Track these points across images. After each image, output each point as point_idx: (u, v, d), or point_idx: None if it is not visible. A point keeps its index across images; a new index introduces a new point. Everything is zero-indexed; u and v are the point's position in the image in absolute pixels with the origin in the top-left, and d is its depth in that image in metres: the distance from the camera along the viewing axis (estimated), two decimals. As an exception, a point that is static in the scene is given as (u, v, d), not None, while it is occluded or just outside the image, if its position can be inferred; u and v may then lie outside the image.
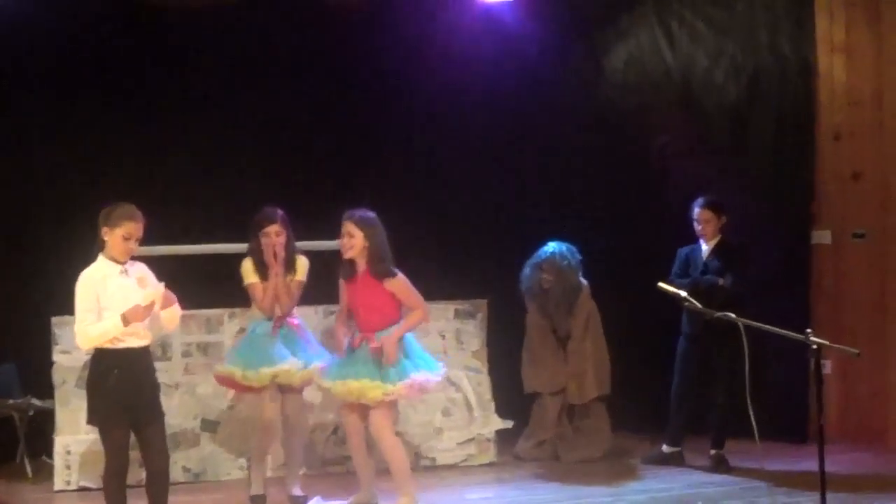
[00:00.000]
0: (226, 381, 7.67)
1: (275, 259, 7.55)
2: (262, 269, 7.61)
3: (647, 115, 9.97)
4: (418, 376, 7.16)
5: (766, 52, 9.60)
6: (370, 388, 7.10)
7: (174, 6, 9.17)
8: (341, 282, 7.42)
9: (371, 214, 7.31)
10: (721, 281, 8.37)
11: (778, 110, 9.54)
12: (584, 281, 8.94)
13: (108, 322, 6.30)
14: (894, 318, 9.24)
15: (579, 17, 9.85)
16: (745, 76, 9.66)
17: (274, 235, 7.59)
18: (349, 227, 7.24)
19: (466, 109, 9.73)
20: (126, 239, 6.40)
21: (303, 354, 7.57)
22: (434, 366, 7.35)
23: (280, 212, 7.67)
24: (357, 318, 7.33)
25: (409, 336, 7.33)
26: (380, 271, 7.22)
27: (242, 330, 8.09)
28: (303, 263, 7.71)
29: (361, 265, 7.27)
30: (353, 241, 7.23)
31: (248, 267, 7.66)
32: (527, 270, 8.92)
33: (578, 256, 8.89)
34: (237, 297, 7.90)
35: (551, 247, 8.87)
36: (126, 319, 6.29)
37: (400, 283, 7.25)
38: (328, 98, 9.63)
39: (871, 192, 9.30)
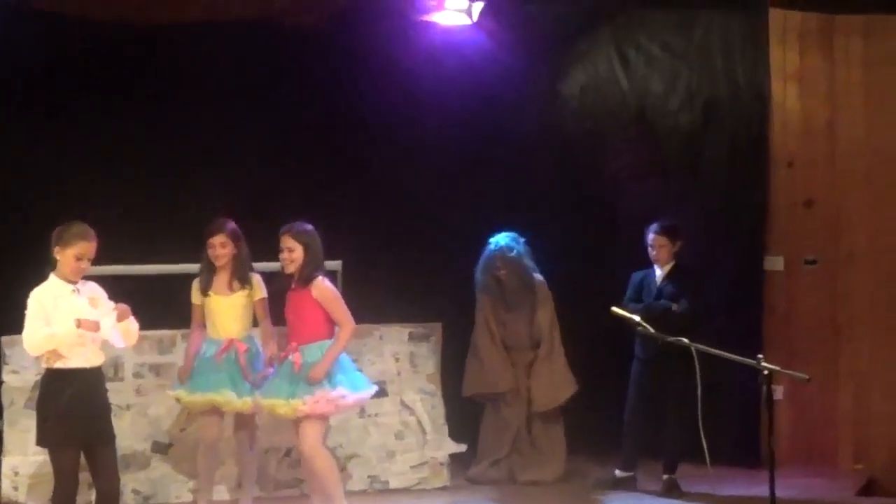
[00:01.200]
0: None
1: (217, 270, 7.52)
2: (208, 285, 7.58)
3: (603, 139, 10.02)
4: (326, 392, 7.09)
5: (721, 78, 9.67)
6: (279, 405, 7.14)
7: (125, 23, 9.14)
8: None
9: (308, 226, 7.28)
10: (674, 306, 8.40)
11: (732, 137, 9.60)
12: (539, 276, 8.95)
13: (60, 327, 6.27)
14: (845, 343, 9.33)
15: (537, 41, 9.88)
16: (700, 102, 9.73)
17: (218, 247, 7.54)
18: (288, 241, 7.21)
19: (424, 132, 9.73)
20: (78, 259, 6.37)
21: (241, 384, 7.49)
22: (360, 384, 7.32)
23: (230, 224, 7.60)
24: (288, 329, 7.33)
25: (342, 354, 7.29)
26: (305, 276, 7.18)
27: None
28: (258, 280, 7.67)
29: (296, 275, 7.26)
30: (294, 254, 7.19)
31: (194, 286, 7.65)
32: (479, 269, 8.91)
33: (524, 242, 8.89)
34: (190, 318, 7.85)
35: (496, 241, 8.86)
36: (79, 323, 6.25)
37: (324, 289, 7.19)
38: (287, 119, 9.63)
39: (822, 218, 9.38)
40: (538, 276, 8.93)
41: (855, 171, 9.37)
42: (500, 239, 8.85)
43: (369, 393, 7.42)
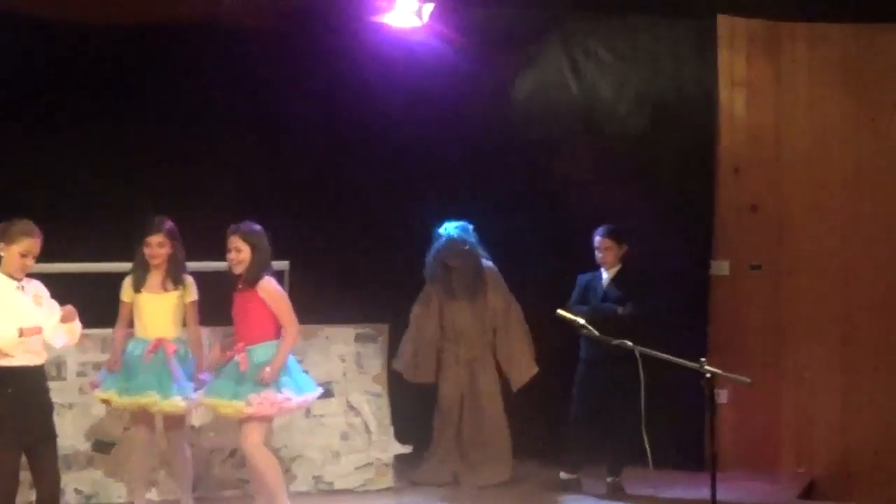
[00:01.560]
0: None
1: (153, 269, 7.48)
2: (140, 282, 7.53)
3: (553, 143, 10.03)
4: (271, 394, 7.08)
5: (669, 84, 9.73)
6: (222, 405, 7.15)
7: (72, 25, 9.09)
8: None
9: (256, 227, 7.29)
10: (620, 309, 8.44)
11: (680, 142, 9.67)
12: (488, 262, 8.95)
13: (1, 335, 6.21)
14: (789, 348, 9.42)
15: (487, 45, 9.88)
16: (649, 108, 9.78)
17: (155, 246, 7.50)
18: (235, 241, 7.22)
19: (373, 133, 9.72)
20: (23, 256, 6.33)
21: (168, 385, 7.43)
22: (305, 386, 7.32)
23: (167, 223, 7.56)
24: (235, 328, 7.33)
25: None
26: (252, 277, 7.18)
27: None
28: (191, 282, 7.63)
29: (243, 276, 7.25)
30: (241, 255, 7.21)
31: (126, 283, 7.60)
32: (429, 257, 8.91)
33: (472, 231, 8.90)
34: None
35: (447, 230, 8.88)
36: (21, 332, 6.21)
37: (271, 289, 7.21)
38: (234, 118, 9.57)
39: (768, 224, 9.46)
40: (488, 263, 8.95)
41: (799, 177, 9.46)
42: (451, 229, 8.86)
43: (314, 395, 7.43)
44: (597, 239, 8.67)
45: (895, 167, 9.30)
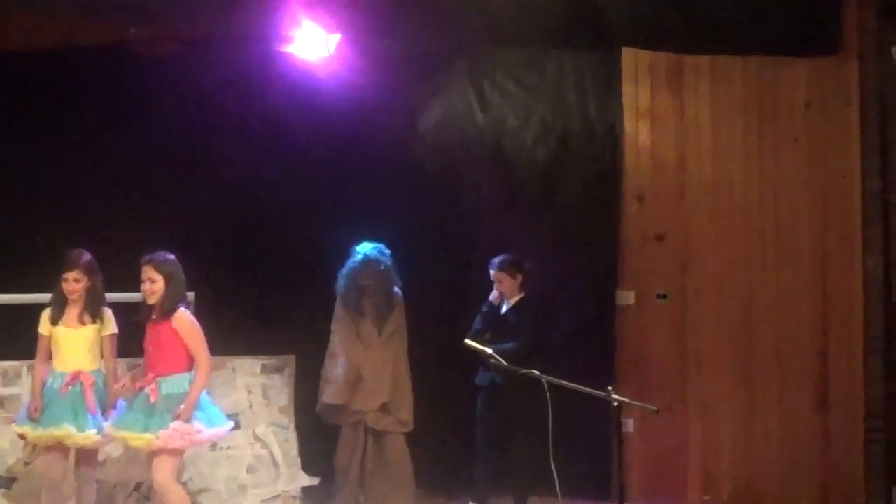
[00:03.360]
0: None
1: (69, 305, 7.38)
2: (58, 316, 7.44)
3: (459, 174, 10.06)
4: (182, 427, 7.04)
5: (574, 114, 9.81)
6: (132, 438, 7.10)
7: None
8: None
9: (170, 257, 7.25)
10: (512, 345, 8.41)
11: (585, 171, 9.74)
12: (398, 291, 8.92)
13: None
14: (694, 377, 9.49)
15: (394, 75, 9.90)
16: (554, 137, 9.85)
17: (72, 282, 7.45)
18: (149, 272, 7.19)
19: (280, 163, 9.69)
20: None
21: (84, 418, 7.36)
22: (216, 420, 7.27)
23: (85, 257, 7.50)
24: (145, 360, 7.25)
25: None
26: (167, 308, 7.15)
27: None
28: (109, 315, 7.56)
29: (157, 307, 7.21)
30: (156, 286, 7.17)
31: (44, 316, 7.52)
32: (342, 277, 8.86)
33: (389, 254, 8.88)
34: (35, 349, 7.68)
35: (363, 250, 8.83)
36: None
37: (185, 321, 7.19)
38: (141, 147, 9.50)
39: (672, 253, 9.56)
40: (398, 291, 8.92)
41: (702, 207, 9.57)
42: (368, 249, 8.82)
43: (225, 429, 7.40)
44: (491, 272, 8.73)
45: (795, 197, 9.44)
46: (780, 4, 9.04)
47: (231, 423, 7.50)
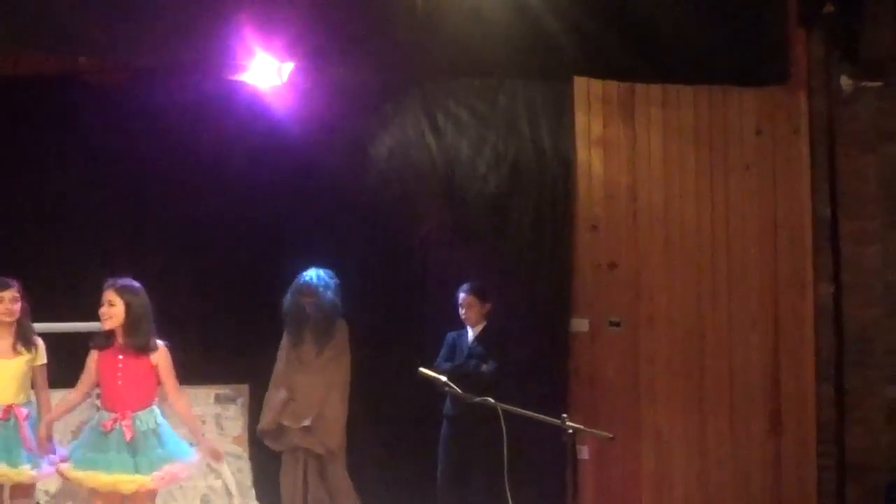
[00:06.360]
0: None
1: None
2: None
3: (412, 203, 10.05)
4: (172, 467, 6.95)
5: (527, 143, 9.83)
6: (124, 481, 6.86)
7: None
8: (93, 353, 7.12)
9: (135, 283, 7.12)
10: (484, 367, 8.49)
11: (538, 200, 9.77)
12: (342, 321, 8.87)
13: None
14: (647, 404, 9.52)
15: (347, 104, 9.90)
16: (507, 166, 9.86)
17: (8, 301, 7.31)
18: (110, 295, 7.03)
19: (228, 192, 9.62)
20: None
21: (17, 453, 7.20)
22: (187, 451, 7.17)
23: (16, 281, 7.39)
24: (111, 395, 7.03)
25: (163, 420, 7.11)
26: (140, 344, 6.99)
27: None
28: (41, 344, 7.46)
29: (121, 336, 7.02)
30: (114, 310, 7.00)
31: None
32: (287, 297, 8.82)
33: (335, 280, 8.84)
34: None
35: (309, 273, 8.82)
36: None
37: (167, 358, 7.08)
38: (90, 176, 9.44)
39: (626, 281, 9.60)
40: (341, 321, 8.88)
41: (654, 236, 9.63)
42: (312, 270, 8.80)
43: (195, 459, 7.25)
44: (461, 296, 8.75)
45: (747, 224, 9.52)
46: (730, 34, 9.13)
47: (195, 452, 7.39)
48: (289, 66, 9.28)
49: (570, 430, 5.79)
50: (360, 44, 9.34)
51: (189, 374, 8.54)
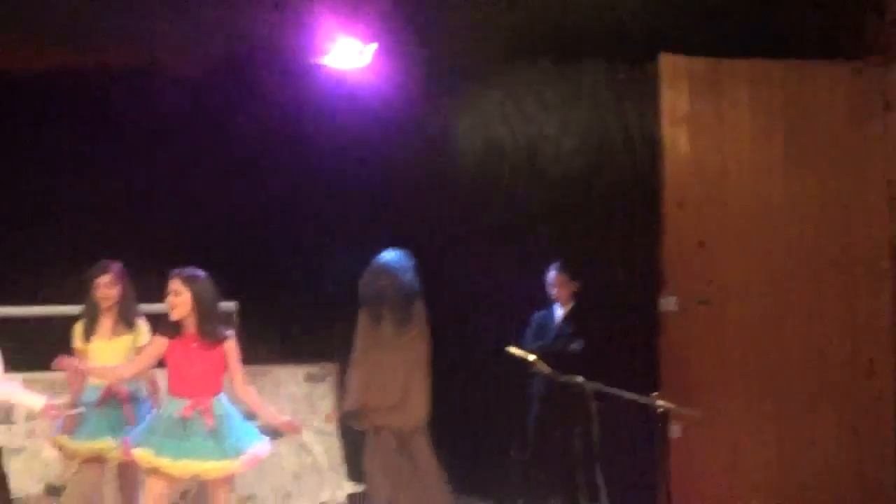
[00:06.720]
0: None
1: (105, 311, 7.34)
2: (91, 329, 7.43)
3: (496, 183, 10.06)
4: (254, 449, 6.91)
5: (612, 122, 9.79)
6: (214, 468, 6.79)
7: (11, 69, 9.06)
8: (160, 339, 6.98)
9: (199, 272, 7.00)
10: (573, 346, 8.48)
11: (624, 179, 9.73)
12: (420, 305, 8.90)
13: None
14: (736, 382, 9.45)
15: (430, 85, 9.92)
16: (593, 146, 9.84)
17: (103, 287, 7.38)
18: (176, 284, 6.89)
19: (315, 174, 9.71)
20: None
21: (122, 430, 7.28)
22: (257, 434, 7.07)
23: (116, 264, 7.47)
24: (184, 382, 6.90)
25: (231, 406, 7.04)
26: (212, 333, 6.90)
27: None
28: (143, 324, 7.55)
29: (190, 326, 6.93)
30: (179, 299, 6.87)
31: (76, 329, 7.48)
32: (365, 279, 8.87)
33: (412, 260, 8.88)
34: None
35: (386, 254, 8.83)
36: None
37: (234, 345, 6.97)
38: (180, 164, 9.55)
39: (714, 259, 9.52)
40: (419, 301, 8.90)
41: (743, 214, 9.53)
42: (388, 253, 8.83)
43: (267, 442, 7.23)
44: (551, 275, 8.74)
45: (836, 201, 9.41)
46: (820, 6, 9.01)
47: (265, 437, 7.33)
48: (372, 48, 9.31)
49: (661, 409, 5.75)
50: (442, 24, 9.37)
51: (279, 353, 8.66)
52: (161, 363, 7.07)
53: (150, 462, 6.77)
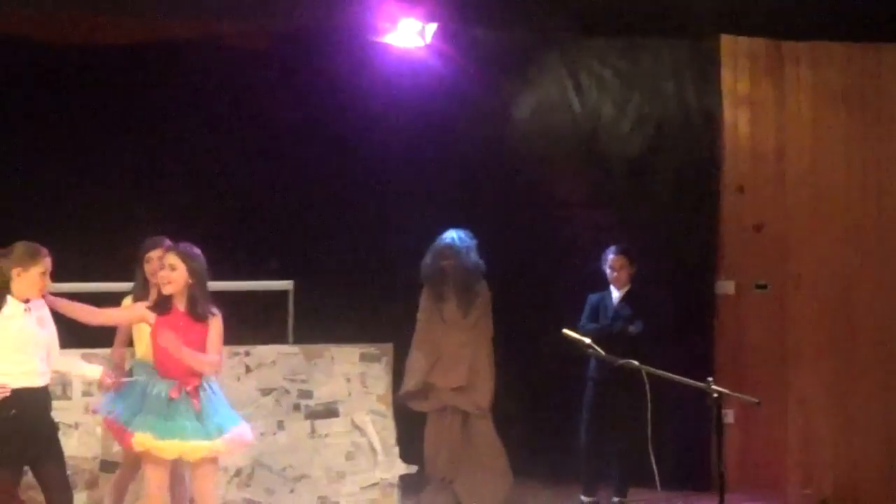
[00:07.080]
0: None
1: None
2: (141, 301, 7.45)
3: (554, 163, 10.04)
4: (236, 429, 6.72)
5: (671, 103, 9.74)
6: (199, 448, 6.62)
7: (69, 44, 9.11)
8: (143, 306, 6.82)
9: (195, 248, 6.76)
10: (631, 328, 8.45)
11: (683, 161, 9.68)
12: (484, 283, 8.88)
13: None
14: (793, 367, 9.39)
15: (490, 64, 9.90)
16: (651, 127, 9.79)
17: (156, 261, 7.14)
18: (171, 258, 6.66)
19: (376, 154, 9.73)
20: (44, 274, 6.36)
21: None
22: (237, 416, 6.87)
23: (167, 240, 7.34)
24: (170, 362, 6.67)
25: (216, 385, 6.88)
26: (202, 312, 6.68)
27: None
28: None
29: (180, 303, 6.70)
30: (175, 274, 6.62)
31: (125, 303, 7.39)
32: (427, 259, 8.88)
33: (475, 240, 8.86)
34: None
35: (449, 234, 8.83)
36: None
37: (219, 324, 6.73)
38: (237, 140, 9.60)
39: (772, 243, 9.45)
40: (483, 281, 8.89)
41: (802, 197, 9.47)
42: (452, 232, 8.83)
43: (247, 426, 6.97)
44: (610, 257, 8.71)
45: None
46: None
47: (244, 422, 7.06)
48: (432, 27, 9.29)
49: (716, 394, 5.71)
50: (502, 4, 9.34)
51: (335, 333, 8.69)
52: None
53: (146, 444, 6.63)
